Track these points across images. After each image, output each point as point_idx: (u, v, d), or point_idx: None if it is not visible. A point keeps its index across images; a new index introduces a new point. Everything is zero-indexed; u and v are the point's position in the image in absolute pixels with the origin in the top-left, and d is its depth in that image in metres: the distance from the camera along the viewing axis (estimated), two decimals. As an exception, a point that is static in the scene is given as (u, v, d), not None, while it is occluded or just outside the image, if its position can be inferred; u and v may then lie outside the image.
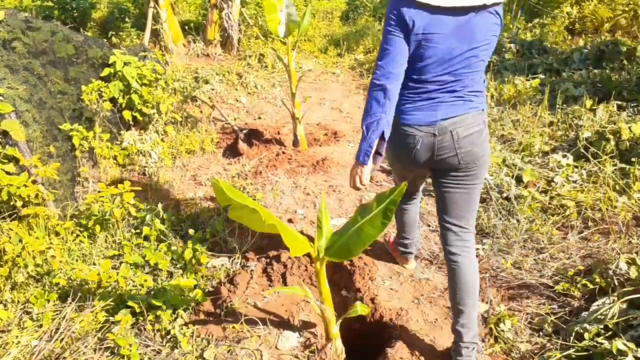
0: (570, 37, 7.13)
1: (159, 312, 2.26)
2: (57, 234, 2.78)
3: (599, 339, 1.94)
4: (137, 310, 2.26)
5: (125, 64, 4.07)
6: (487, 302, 2.40)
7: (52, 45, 3.61)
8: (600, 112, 4.08)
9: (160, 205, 3.29)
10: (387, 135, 1.84)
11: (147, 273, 2.61)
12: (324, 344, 2.12)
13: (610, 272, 2.30)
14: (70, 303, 2.29)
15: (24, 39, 3.34)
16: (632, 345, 1.83)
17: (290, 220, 3.26)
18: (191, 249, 2.65)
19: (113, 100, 4.03)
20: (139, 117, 4.22)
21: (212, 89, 5.94)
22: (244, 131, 4.71)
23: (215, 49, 7.24)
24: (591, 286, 2.30)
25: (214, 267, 2.75)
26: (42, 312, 2.27)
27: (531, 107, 4.61)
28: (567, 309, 2.26)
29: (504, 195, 3.22)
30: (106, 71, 4.01)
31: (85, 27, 8.13)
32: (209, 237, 2.97)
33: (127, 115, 4.06)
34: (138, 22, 8.38)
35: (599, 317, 2.04)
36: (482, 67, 1.90)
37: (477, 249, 2.80)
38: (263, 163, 4.15)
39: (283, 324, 2.31)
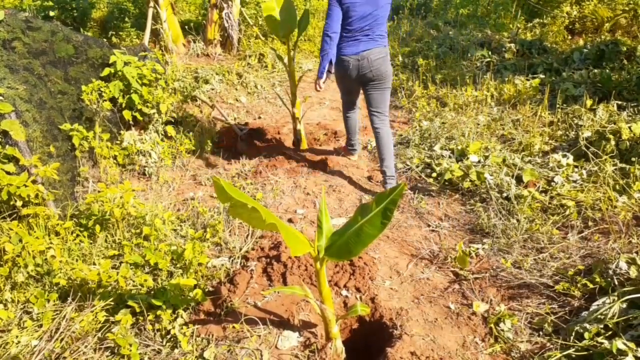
0: (570, 37, 7.14)
1: (159, 312, 2.26)
2: (57, 233, 2.78)
3: (599, 339, 1.94)
4: (137, 310, 2.26)
5: (126, 63, 4.07)
6: (487, 302, 2.40)
7: (52, 45, 3.61)
8: (600, 112, 4.07)
9: (160, 205, 3.29)
10: (333, 61, 3.41)
11: (147, 273, 2.61)
12: (324, 344, 2.12)
13: (610, 271, 2.30)
14: (70, 303, 2.29)
15: (24, 39, 3.34)
16: (632, 344, 1.83)
17: (290, 220, 3.26)
18: (191, 249, 2.65)
19: (113, 100, 4.02)
20: (139, 117, 4.22)
21: (212, 89, 5.95)
22: (244, 131, 4.71)
23: (215, 48, 7.24)
24: (591, 286, 2.30)
25: (214, 266, 2.74)
26: (42, 312, 2.27)
27: (531, 106, 4.61)
28: (567, 309, 2.26)
29: (504, 195, 3.22)
30: (106, 71, 4.01)
31: (85, 27, 8.13)
32: (209, 237, 2.97)
33: (127, 115, 4.06)
34: (138, 22, 8.39)
35: (599, 316, 2.04)
36: (383, 21, 3.38)
37: (477, 248, 2.80)
38: (263, 163, 4.15)
39: (283, 323, 2.31)
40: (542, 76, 5.40)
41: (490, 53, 6.32)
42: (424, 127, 4.49)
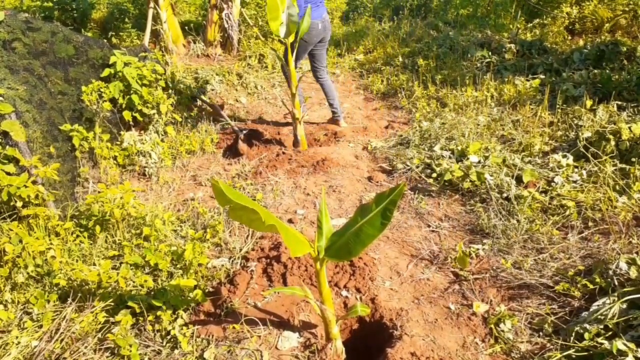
0: (570, 37, 7.13)
1: (159, 313, 2.26)
2: (57, 234, 2.78)
3: (599, 339, 1.94)
4: (137, 310, 2.26)
5: (126, 64, 4.07)
6: (487, 303, 2.40)
7: (52, 45, 3.61)
8: (600, 112, 4.07)
9: (160, 206, 3.30)
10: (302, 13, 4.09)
11: (147, 273, 2.61)
12: (324, 344, 2.13)
13: (611, 272, 2.30)
14: (71, 303, 2.29)
15: (24, 39, 3.34)
16: (632, 345, 1.83)
17: (290, 221, 3.26)
18: (191, 250, 2.65)
19: (113, 100, 4.03)
20: (139, 118, 4.23)
21: (213, 90, 5.95)
22: (244, 131, 4.71)
23: (215, 49, 7.24)
24: (591, 286, 2.30)
25: (214, 267, 2.75)
26: (42, 313, 2.27)
27: (531, 107, 4.61)
28: (567, 309, 2.26)
29: (504, 195, 3.22)
30: (106, 72, 4.01)
31: (85, 28, 8.13)
32: (209, 237, 2.97)
33: (127, 115, 4.06)
34: (138, 22, 8.40)
35: (599, 317, 2.04)
36: None
37: (477, 249, 2.80)
38: (263, 163, 4.15)
39: (283, 324, 2.31)
40: (542, 76, 5.40)
41: (490, 53, 6.32)
42: (424, 128, 4.49)
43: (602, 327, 1.99)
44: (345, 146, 4.55)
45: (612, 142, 3.49)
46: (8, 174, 2.70)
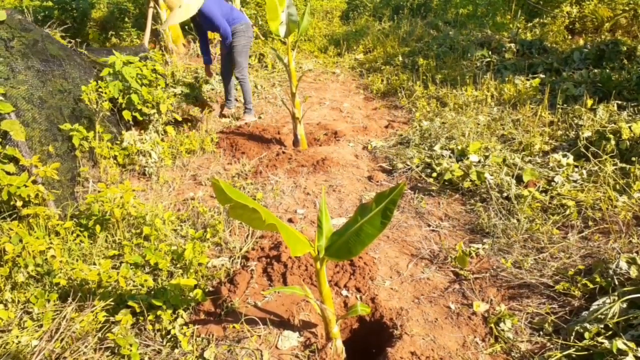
0: (570, 37, 7.13)
1: (159, 312, 2.26)
2: (57, 233, 2.78)
3: (599, 339, 1.94)
4: (138, 310, 2.26)
5: (125, 64, 4.07)
6: (487, 302, 2.40)
7: (45, 46, 3.60)
8: (601, 112, 4.07)
9: (160, 205, 3.29)
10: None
11: (147, 273, 2.61)
12: (324, 344, 2.13)
13: (611, 271, 2.30)
14: (71, 303, 2.29)
15: (22, 39, 3.33)
16: (632, 344, 1.83)
17: (290, 220, 3.26)
18: (191, 249, 2.65)
19: (113, 100, 4.02)
20: (139, 117, 4.22)
21: (212, 89, 5.95)
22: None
23: (215, 48, 7.23)
24: (591, 286, 2.30)
25: (214, 266, 2.75)
26: (43, 312, 2.27)
27: (531, 106, 4.61)
28: (567, 309, 2.26)
29: (504, 194, 3.22)
30: (105, 71, 4.01)
31: (85, 27, 8.13)
32: (209, 237, 2.97)
33: (126, 115, 4.06)
34: (138, 22, 8.40)
35: (599, 316, 2.04)
36: None
37: (477, 248, 2.79)
38: (263, 163, 4.15)
39: (283, 323, 2.31)
40: (542, 76, 5.40)
41: (490, 53, 6.32)
42: (424, 127, 4.49)
43: (602, 326, 1.99)
44: (345, 146, 4.55)
45: (613, 142, 3.49)
46: (8, 173, 2.70)
